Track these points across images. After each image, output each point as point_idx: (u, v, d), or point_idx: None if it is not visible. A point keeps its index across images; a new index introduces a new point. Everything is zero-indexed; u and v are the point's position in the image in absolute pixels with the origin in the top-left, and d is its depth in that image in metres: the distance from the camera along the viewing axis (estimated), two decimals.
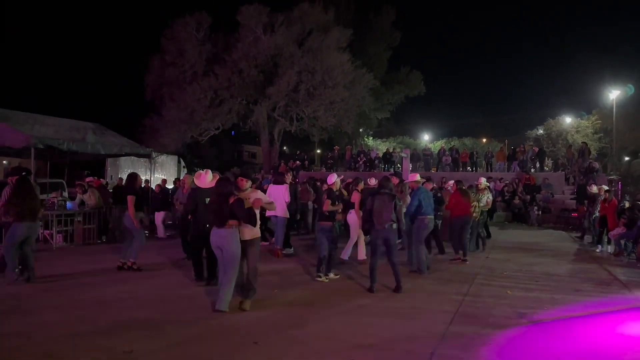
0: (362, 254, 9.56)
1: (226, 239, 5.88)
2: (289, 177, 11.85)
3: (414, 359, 4.56)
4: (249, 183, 6.43)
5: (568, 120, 33.72)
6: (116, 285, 7.39)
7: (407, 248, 9.36)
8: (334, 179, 8.50)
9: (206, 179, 7.44)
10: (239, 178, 6.39)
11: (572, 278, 8.74)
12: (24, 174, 7.73)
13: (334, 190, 8.33)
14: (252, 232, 6.12)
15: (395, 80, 33.93)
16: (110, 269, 8.43)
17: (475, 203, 10.47)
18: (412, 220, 8.74)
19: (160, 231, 13.20)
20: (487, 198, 11.88)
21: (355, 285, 7.75)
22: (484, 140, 37.56)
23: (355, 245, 9.69)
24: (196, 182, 7.56)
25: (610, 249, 11.84)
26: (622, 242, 11.06)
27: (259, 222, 6.23)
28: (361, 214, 8.29)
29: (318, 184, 14.61)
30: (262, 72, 26.35)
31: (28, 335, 4.94)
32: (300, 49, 26.47)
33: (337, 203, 8.07)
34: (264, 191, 8.53)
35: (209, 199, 6.76)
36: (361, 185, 9.65)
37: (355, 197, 9.38)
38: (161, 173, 26.21)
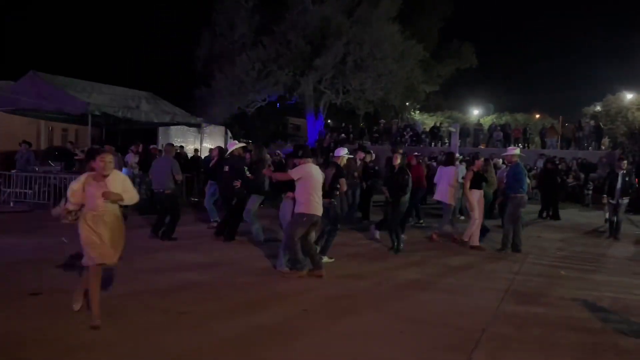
0: (472, 237, 8.71)
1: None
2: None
3: (465, 335, 4.51)
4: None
5: (629, 96, 31.81)
6: (169, 251, 7.66)
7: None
8: (342, 152, 7.79)
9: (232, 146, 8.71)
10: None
11: (631, 261, 8.38)
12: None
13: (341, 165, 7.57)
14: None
15: (446, 52, 32.81)
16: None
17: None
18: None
19: None
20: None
21: (407, 260, 7.71)
22: (537, 116, 36.08)
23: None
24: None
25: None
26: None
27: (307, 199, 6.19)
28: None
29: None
30: (309, 43, 26.07)
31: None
32: (349, 19, 25.96)
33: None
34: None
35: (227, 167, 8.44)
36: (479, 163, 8.97)
37: (468, 176, 8.71)
38: (209, 143, 26.69)
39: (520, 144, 24.87)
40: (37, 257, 6.81)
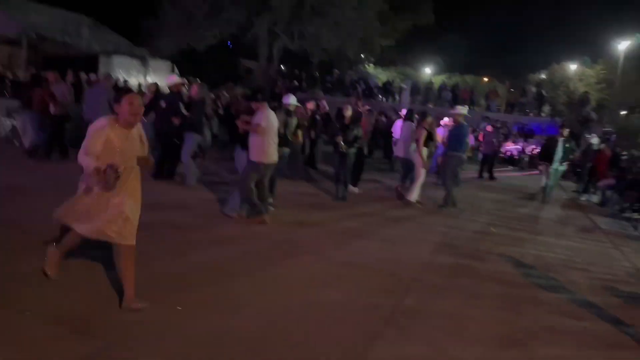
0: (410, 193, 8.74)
1: None
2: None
3: (398, 282, 4.73)
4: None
5: (573, 67, 33.06)
6: None
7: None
8: (290, 100, 7.72)
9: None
10: None
11: (556, 223, 8.97)
12: None
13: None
14: None
15: (404, 6, 32.52)
16: None
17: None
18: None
19: None
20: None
21: (352, 211, 7.87)
22: (485, 79, 36.92)
23: None
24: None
25: (595, 198, 12.08)
26: (608, 193, 11.27)
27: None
28: None
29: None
30: None
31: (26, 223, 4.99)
32: None
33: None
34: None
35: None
36: (429, 120, 8.71)
37: (421, 134, 8.50)
38: (154, 78, 25.56)
39: (466, 105, 25.50)
40: None
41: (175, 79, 8.49)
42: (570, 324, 4.30)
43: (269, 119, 6.01)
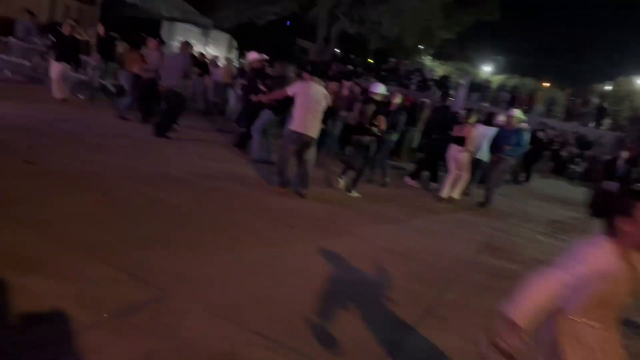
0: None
1: None
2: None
3: (439, 274, 4.70)
4: None
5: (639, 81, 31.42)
6: (158, 144, 7.68)
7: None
8: (378, 89, 7.54)
9: None
10: None
11: None
12: None
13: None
14: None
15: (470, 0, 31.60)
16: None
17: None
18: None
19: None
20: None
21: (391, 202, 7.85)
22: (546, 84, 35.59)
23: None
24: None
25: None
26: None
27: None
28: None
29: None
30: None
31: (84, 172, 5.23)
32: None
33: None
34: None
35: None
36: (474, 119, 8.49)
37: (469, 132, 8.21)
38: (213, 49, 25.95)
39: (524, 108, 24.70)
40: (32, 127, 6.76)
41: (256, 55, 8.50)
42: None
43: (309, 92, 6.05)
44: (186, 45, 8.66)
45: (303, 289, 3.64)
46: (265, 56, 8.74)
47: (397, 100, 8.42)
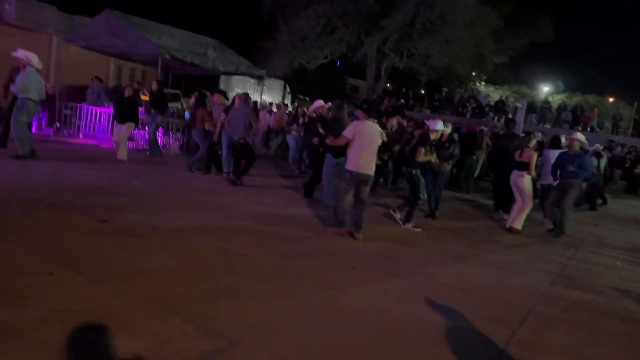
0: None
1: None
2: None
3: (511, 311, 4.50)
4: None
5: None
6: (228, 195, 7.95)
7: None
8: (437, 126, 7.58)
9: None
10: None
11: None
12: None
13: (429, 138, 7.49)
14: None
15: (520, 22, 31.08)
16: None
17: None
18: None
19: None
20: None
21: (455, 236, 7.67)
22: (611, 99, 33.96)
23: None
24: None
25: None
26: None
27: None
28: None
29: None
30: (378, 1, 25.38)
31: (154, 227, 5.52)
32: None
33: (431, 152, 7.42)
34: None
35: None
36: (534, 142, 8.37)
37: (531, 156, 7.99)
38: (268, 96, 26.94)
39: (589, 128, 23.66)
40: (104, 187, 7.24)
41: (321, 103, 8.98)
42: None
43: (364, 131, 6.10)
44: (247, 97, 9.07)
45: (371, 335, 3.60)
46: (329, 104, 9.12)
47: (448, 130, 8.35)
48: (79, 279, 3.83)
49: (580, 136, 8.33)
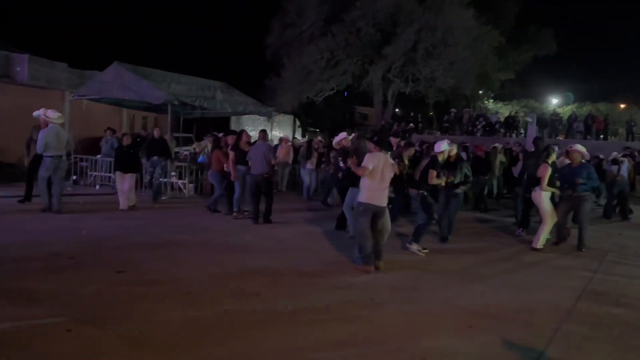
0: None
1: None
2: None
3: (537, 332, 4.39)
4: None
5: None
6: (239, 234, 7.98)
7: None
8: (442, 147, 7.56)
9: None
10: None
11: None
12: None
13: (439, 159, 7.51)
14: None
15: (523, 38, 31.24)
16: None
17: None
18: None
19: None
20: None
21: (475, 257, 7.57)
22: (622, 106, 33.63)
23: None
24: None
25: None
26: None
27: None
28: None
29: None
30: (379, 31, 25.77)
31: (172, 276, 5.56)
32: (421, 5, 25.37)
33: (442, 175, 7.41)
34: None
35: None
36: (553, 157, 8.12)
37: (545, 171, 7.86)
38: (278, 131, 27.28)
39: (601, 136, 23.42)
40: (119, 236, 7.33)
41: (344, 135, 9.11)
42: None
43: (375, 164, 6.04)
44: (264, 134, 9.19)
45: None
46: (351, 135, 9.24)
47: (454, 151, 8.23)
48: (98, 332, 3.86)
49: (579, 147, 8.24)
